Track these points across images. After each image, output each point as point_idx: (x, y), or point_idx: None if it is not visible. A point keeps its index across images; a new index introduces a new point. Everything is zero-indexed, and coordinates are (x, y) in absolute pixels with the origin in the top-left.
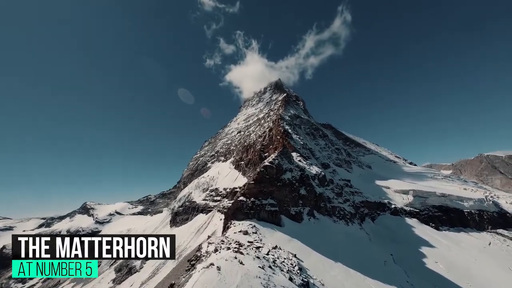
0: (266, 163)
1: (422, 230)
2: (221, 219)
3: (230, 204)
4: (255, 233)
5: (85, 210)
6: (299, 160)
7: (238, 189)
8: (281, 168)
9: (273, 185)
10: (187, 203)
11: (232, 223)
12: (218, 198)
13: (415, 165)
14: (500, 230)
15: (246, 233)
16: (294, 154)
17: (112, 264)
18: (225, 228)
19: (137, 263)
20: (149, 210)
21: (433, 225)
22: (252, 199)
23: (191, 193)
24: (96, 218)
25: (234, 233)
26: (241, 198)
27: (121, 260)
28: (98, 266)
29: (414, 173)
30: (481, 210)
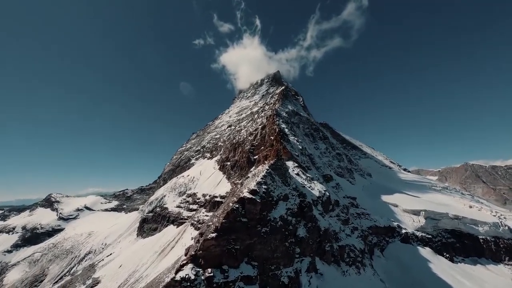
0: (245, 194)
1: (438, 264)
2: (192, 238)
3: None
4: None
5: (48, 203)
6: (297, 174)
7: (218, 198)
8: (271, 199)
9: (252, 235)
10: (158, 209)
11: None
12: (195, 206)
13: (408, 171)
14: None
15: None
16: (290, 163)
17: None
18: None
19: None
20: (124, 206)
21: (447, 255)
22: (209, 271)
23: (165, 196)
24: (60, 213)
25: None
26: (187, 271)
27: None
28: None
29: (412, 182)
30: (496, 237)
